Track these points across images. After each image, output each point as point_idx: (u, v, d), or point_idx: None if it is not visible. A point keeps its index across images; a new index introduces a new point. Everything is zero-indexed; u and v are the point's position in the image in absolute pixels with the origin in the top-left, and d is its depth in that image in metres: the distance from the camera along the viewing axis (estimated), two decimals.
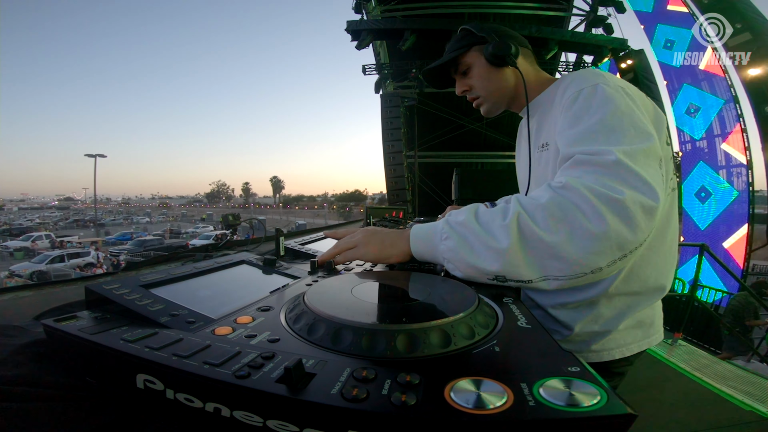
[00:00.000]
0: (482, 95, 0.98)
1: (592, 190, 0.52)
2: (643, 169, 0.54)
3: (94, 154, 33.49)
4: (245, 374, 0.37)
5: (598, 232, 0.51)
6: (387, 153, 9.51)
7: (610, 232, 0.51)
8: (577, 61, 10.19)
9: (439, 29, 8.03)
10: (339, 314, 0.50)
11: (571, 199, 0.52)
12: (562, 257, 0.52)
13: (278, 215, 56.58)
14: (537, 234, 0.53)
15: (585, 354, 0.82)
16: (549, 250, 0.53)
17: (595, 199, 0.51)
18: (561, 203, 0.53)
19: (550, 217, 0.53)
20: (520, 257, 0.54)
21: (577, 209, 0.52)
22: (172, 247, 19.04)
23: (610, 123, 0.61)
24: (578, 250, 0.51)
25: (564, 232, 0.52)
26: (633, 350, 0.83)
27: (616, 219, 0.51)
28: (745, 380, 2.40)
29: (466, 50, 0.95)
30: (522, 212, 0.54)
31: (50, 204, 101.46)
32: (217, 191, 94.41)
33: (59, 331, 0.47)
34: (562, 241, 0.52)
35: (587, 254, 0.52)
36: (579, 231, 0.51)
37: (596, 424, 0.32)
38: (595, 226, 0.51)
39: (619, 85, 0.70)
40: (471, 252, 0.58)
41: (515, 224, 0.54)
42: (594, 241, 0.51)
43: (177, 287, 0.68)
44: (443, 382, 0.37)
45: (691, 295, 3.46)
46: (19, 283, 10.18)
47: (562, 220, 0.52)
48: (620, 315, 0.80)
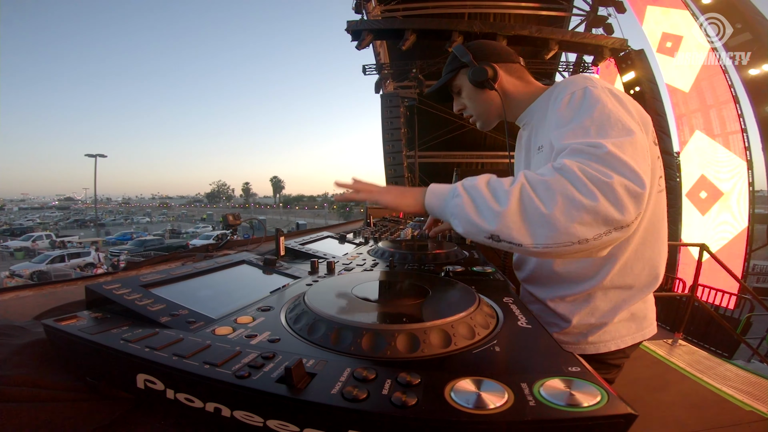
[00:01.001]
0: (474, 114, 1.04)
1: (585, 172, 0.58)
2: (630, 158, 0.60)
3: (94, 154, 33.53)
4: (245, 374, 0.37)
5: (588, 205, 0.57)
6: (387, 153, 9.51)
7: (599, 207, 0.56)
8: (577, 61, 10.18)
9: (439, 29, 8.04)
10: (339, 314, 0.50)
11: (567, 176, 0.59)
12: (554, 225, 0.57)
13: (278, 215, 56.61)
14: (534, 202, 0.59)
15: (582, 346, 0.86)
16: (543, 218, 0.58)
17: (587, 179, 0.57)
18: (559, 180, 0.59)
19: (548, 190, 0.59)
20: (517, 221, 0.60)
21: (572, 185, 0.58)
22: (172, 247, 19.06)
23: (599, 119, 0.67)
24: (568, 219, 0.57)
25: (558, 203, 0.57)
26: (627, 342, 0.87)
27: (604, 198, 0.57)
28: (745, 380, 2.39)
29: (455, 74, 1.01)
30: (525, 183, 0.61)
31: (50, 204, 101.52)
32: (217, 191, 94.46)
33: (59, 331, 0.47)
34: (555, 211, 0.57)
35: (576, 224, 0.57)
36: (571, 203, 0.57)
37: (597, 423, 0.32)
38: (585, 199, 0.57)
39: (605, 87, 0.75)
40: (475, 210, 0.64)
41: (517, 191, 0.61)
42: (583, 212, 0.57)
43: (177, 287, 0.68)
44: (443, 382, 0.37)
45: (691, 295, 3.45)
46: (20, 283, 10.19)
47: (558, 193, 0.58)
48: (615, 308, 0.84)
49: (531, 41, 7.99)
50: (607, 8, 9.53)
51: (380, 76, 10.40)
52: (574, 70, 10.46)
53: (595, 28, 9.66)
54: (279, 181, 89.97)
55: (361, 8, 9.50)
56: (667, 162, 7.59)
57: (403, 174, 9.43)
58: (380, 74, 10.42)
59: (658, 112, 7.89)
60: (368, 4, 9.82)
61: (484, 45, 0.99)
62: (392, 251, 1.08)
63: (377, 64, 10.60)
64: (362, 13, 9.51)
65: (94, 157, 33.64)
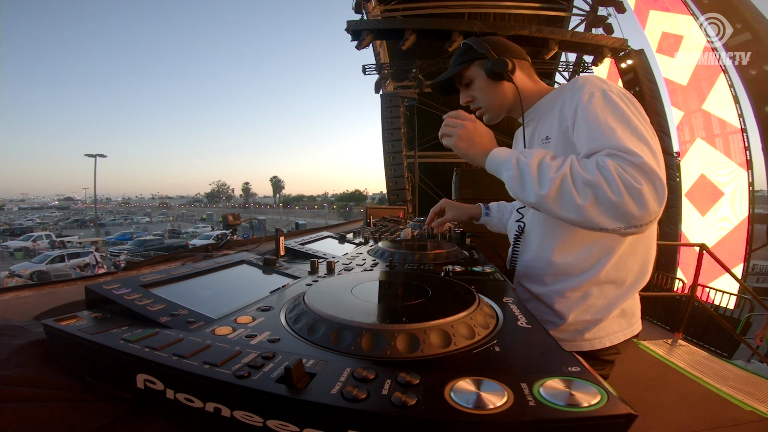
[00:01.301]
0: (483, 106, 1.05)
1: (622, 176, 0.66)
2: (659, 168, 0.68)
3: (94, 154, 33.51)
4: (245, 374, 0.37)
5: (615, 201, 0.65)
6: (387, 153, 9.50)
7: (623, 205, 0.65)
8: (577, 61, 10.18)
9: (439, 29, 8.04)
10: (339, 314, 0.50)
11: (605, 176, 0.67)
12: (583, 215, 0.68)
13: (278, 215, 56.58)
14: (571, 192, 0.69)
15: (579, 343, 0.90)
16: (575, 207, 0.69)
17: (621, 182, 0.66)
18: (597, 179, 0.67)
19: (586, 185, 0.68)
20: (553, 203, 0.71)
21: (607, 185, 0.66)
22: (172, 247, 19.05)
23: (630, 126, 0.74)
24: (596, 213, 0.67)
25: (591, 198, 0.67)
26: (620, 338, 0.92)
27: (631, 199, 0.65)
28: (745, 380, 2.39)
29: (468, 65, 1.01)
30: (568, 174, 0.70)
31: (50, 204, 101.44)
32: (217, 191, 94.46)
33: (59, 331, 0.47)
34: (587, 204, 0.68)
35: (601, 217, 0.67)
36: (603, 201, 0.67)
37: (597, 423, 0.32)
38: (614, 197, 0.65)
39: (622, 92, 0.81)
40: (521, 186, 0.76)
41: (559, 180, 0.70)
42: (610, 208, 0.66)
43: (177, 287, 0.68)
44: (443, 382, 0.37)
45: (691, 295, 3.45)
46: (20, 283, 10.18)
47: (593, 190, 0.67)
48: (609, 305, 0.90)
49: (531, 41, 7.99)
50: (607, 8, 9.52)
51: (380, 76, 10.39)
52: (574, 70, 10.46)
53: (595, 28, 9.65)
54: (279, 181, 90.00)
55: (361, 8, 9.50)
56: (667, 162, 7.58)
57: (403, 174, 9.43)
58: (380, 74, 10.41)
59: (658, 112, 7.89)
60: (368, 4, 9.82)
61: (501, 40, 1.03)
62: (392, 251, 1.08)
63: (377, 64, 10.59)
64: (362, 13, 9.50)
65: (94, 157, 33.63)
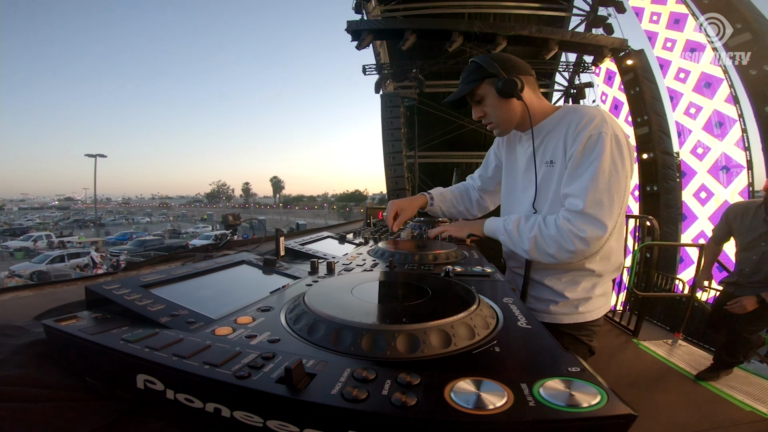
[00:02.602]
0: (494, 122, 1.14)
1: (570, 230, 0.98)
2: (601, 214, 0.95)
3: (94, 154, 33.51)
4: (245, 374, 0.37)
5: (572, 250, 0.99)
6: (387, 153, 9.50)
7: (576, 249, 0.98)
8: (577, 61, 10.18)
9: (439, 29, 8.04)
10: (339, 314, 0.50)
11: (561, 233, 0.99)
12: (554, 257, 1.03)
13: (278, 215, 56.56)
14: (544, 246, 1.03)
15: (575, 316, 1.13)
16: (547, 253, 1.03)
17: (571, 235, 0.97)
18: (557, 237, 1.00)
19: (551, 241, 1.01)
20: (535, 253, 1.05)
21: (563, 240, 0.99)
22: (172, 247, 19.06)
23: (597, 177, 0.96)
24: (561, 256, 1.01)
25: (556, 248, 1.01)
26: (602, 313, 1.17)
27: (581, 244, 0.97)
28: (745, 380, 2.39)
29: (479, 83, 1.08)
30: (539, 235, 1.03)
31: (50, 204, 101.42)
32: (217, 191, 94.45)
33: (59, 331, 0.47)
34: (555, 252, 1.01)
35: (566, 256, 1.01)
36: (563, 249, 1.00)
37: (597, 424, 0.32)
38: (570, 247, 0.99)
39: (614, 134, 0.98)
40: (512, 244, 1.10)
41: (534, 239, 1.04)
42: (569, 253, 1.00)
43: (177, 287, 0.68)
44: (443, 382, 0.37)
45: (691, 295, 3.45)
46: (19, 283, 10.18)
47: (555, 243, 1.01)
48: (594, 286, 1.13)
49: (531, 41, 7.98)
50: (607, 8, 9.51)
51: (380, 76, 10.39)
52: (574, 70, 10.47)
53: (595, 28, 9.64)
54: (279, 181, 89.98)
55: (361, 8, 9.49)
56: (667, 162, 7.59)
57: (403, 174, 9.42)
58: (380, 74, 10.41)
59: (658, 113, 7.88)
60: (368, 4, 9.82)
61: (509, 57, 1.10)
62: (392, 251, 1.08)
63: (377, 64, 10.59)
64: (362, 13, 9.49)
65: (94, 157, 33.63)
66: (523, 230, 1.05)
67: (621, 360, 2.79)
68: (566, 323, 1.12)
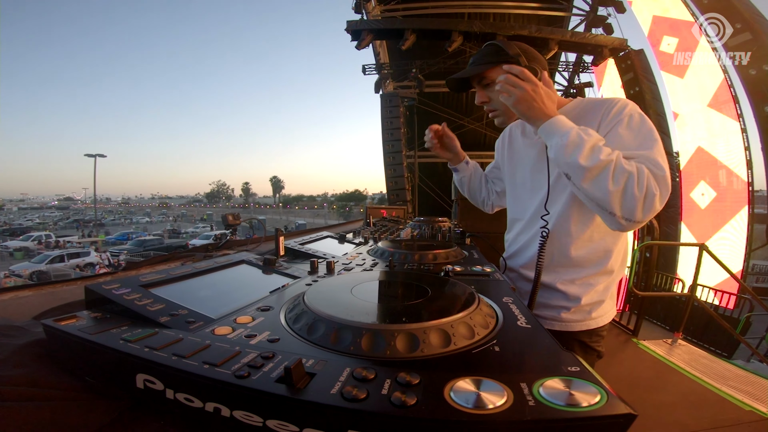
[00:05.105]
0: (500, 109, 1.07)
1: (649, 182, 0.82)
2: (668, 188, 0.84)
3: (94, 154, 33.47)
4: (245, 374, 0.37)
5: (636, 196, 0.81)
6: (387, 153, 9.50)
7: (638, 202, 0.81)
8: (577, 61, 10.18)
9: (439, 29, 8.03)
10: (339, 314, 0.50)
11: (639, 177, 0.81)
12: (607, 196, 0.82)
13: (278, 215, 56.58)
14: (607, 178, 0.82)
15: (588, 321, 1.05)
16: (605, 189, 0.82)
17: (646, 186, 0.81)
18: (632, 176, 0.81)
19: (622, 177, 0.81)
20: (589, 176, 0.84)
21: (637, 182, 0.81)
22: (171, 247, 19.05)
23: (660, 144, 0.88)
24: (616, 200, 0.82)
25: (621, 187, 0.81)
26: (611, 316, 1.10)
27: (644, 200, 0.81)
28: (745, 380, 2.39)
29: (493, 66, 1.02)
30: (613, 162, 0.82)
31: (50, 204, 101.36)
32: (217, 191, 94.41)
33: (59, 331, 0.47)
34: (615, 190, 0.82)
35: (617, 204, 0.82)
36: (628, 191, 0.81)
37: (596, 423, 0.32)
38: (638, 193, 0.81)
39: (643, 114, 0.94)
40: (570, 153, 0.85)
41: (603, 165, 0.82)
42: (629, 199, 0.81)
43: (177, 287, 0.68)
44: (443, 381, 0.37)
45: (691, 295, 3.45)
46: (19, 283, 10.18)
47: (626, 182, 0.81)
48: (606, 288, 1.05)
49: (531, 41, 7.97)
50: (607, 8, 9.52)
51: (380, 76, 10.38)
52: (574, 69, 10.46)
53: (595, 28, 9.65)
54: (279, 181, 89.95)
55: (361, 8, 9.48)
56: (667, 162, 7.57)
57: (403, 174, 9.42)
58: (380, 74, 10.41)
59: (658, 112, 7.89)
60: (368, 4, 9.81)
61: (530, 48, 1.06)
62: (392, 251, 1.08)
63: (377, 64, 10.59)
64: (362, 13, 9.49)
65: (93, 157, 33.59)
66: (598, 150, 0.83)
67: (621, 360, 2.79)
68: (578, 330, 1.04)
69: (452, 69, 9.46)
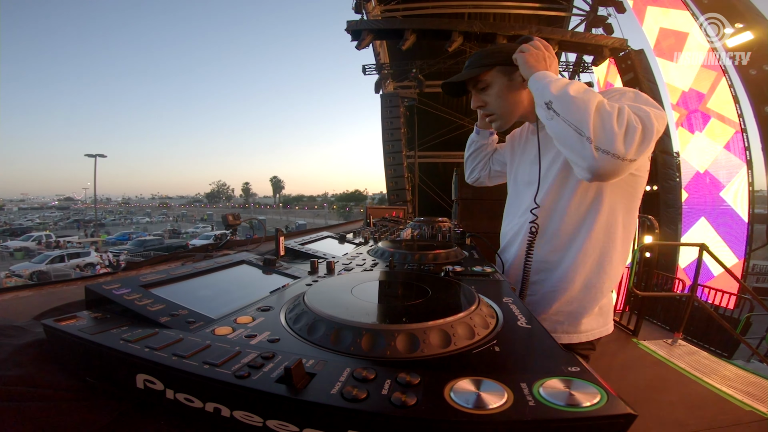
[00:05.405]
0: (497, 113, 1.06)
1: (629, 116, 0.76)
2: (657, 126, 0.78)
3: (94, 154, 33.44)
4: (245, 374, 0.37)
5: (615, 131, 0.75)
6: (387, 153, 9.51)
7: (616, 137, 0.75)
8: (577, 61, 10.18)
9: (439, 29, 8.04)
10: (339, 314, 0.50)
11: (620, 110, 0.76)
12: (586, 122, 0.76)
13: (278, 215, 56.58)
14: (588, 107, 0.77)
15: (557, 335, 0.97)
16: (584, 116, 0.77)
17: (626, 120, 0.75)
18: (612, 109, 0.76)
19: (603, 108, 0.77)
20: (571, 104, 0.79)
21: (617, 115, 0.76)
22: (172, 247, 19.05)
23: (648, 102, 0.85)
24: (596, 126, 0.76)
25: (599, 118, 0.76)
26: (596, 335, 1.01)
27: (624, 134, 0.75)
28: (745, 380, 2.39)
29: (488, 69, 1.01)
30: (593, 98, 0.79)
31: (50, 204, 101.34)
32: (217, 191, 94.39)
33: (59, 331, 0.47)
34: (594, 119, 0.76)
35: (597, 131, 0.76)
36: (606, 123, 0.76)
37: (596, 423, 0.32)
38: (619, 128, 0.75)
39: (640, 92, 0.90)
40: (557, 86, 0.83)
41: (585, 97, 0.79)
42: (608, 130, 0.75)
43: (177, 287, 0.68)
44: (443, 382, 0.37)
45: (691, 295, 3.45)
46: (19, 283, 10.18)
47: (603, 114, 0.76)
48: (591, 300, 0.98)
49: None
50: (607, 8, 9.52)
51: (380, 76, 10.39)
52: (574, 70, 10.46)
53: (595, 28, 9.65)
54: (279, 181, 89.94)
55: (361, 8, 9.48)
56: (667, 162, 7.58)
57: (403, 174, 9.43)
58: (380, 74, 10.41)
59: None
60: (368, 4, 9.81)
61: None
62: (392, 251, 1.08)
63: (377, 64, 10.59)
64: (362, 13, 9.49)
65: (93, 157, 33.57)
66: (581, 86, 0.83)
67: (621, 360, 2.79)
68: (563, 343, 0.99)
69: (452, 69, 9.47)
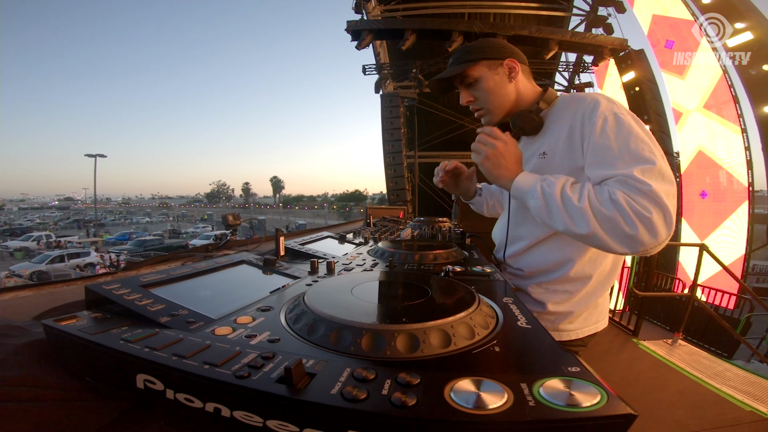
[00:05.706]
0: (485, 108, 1.05)
1: (633, 208, 0.73)
2: (665, 195, 0.73)
3: (94, 154, 33.44)
4: (245, 374, 0.37)
5: (629, 234, 0.73)
6: (387, 153, 9.51)
7: (637, 236, 0.73)
8: (577, 61, 10.19)
9: (439, 29, 8.04)
10: (339, 314, 0.50)
11: (620, 211, 0.74)
12: (600, 244, 0.77)
13: (278, 215, 56.58)
14: (593, 224, 0.76)
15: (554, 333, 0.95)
16: (596, 234, 0.76)
17: (634, 215, 0.73)
18: (613, 215, 0.74)
19: (603, 217, 0.75)
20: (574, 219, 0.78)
21: (622, 219, 0.73)
22: (172, 247, 19.05)
23: (636, 151, 0.78)
24: (611, 242, 0.76)
25: (608, 228, 0.75)
26: (585, 333, 1.01)
27: (645, 229, 0.73)
28: (745, 380, 2.39)
29: (474, 63, 1.01)
30: (588, 210, 0.77)
31: (50, 204, 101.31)
32: (217, 191, 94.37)
33: (59, 331, 0.47)
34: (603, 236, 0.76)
35: (615, 245, 0.76)
36: (618, 233, 0.74)
37: (596, 424, 0.32)
38: (629, 230, 0.73)
39: (629, 113, 0.86)
40: (549, 216, 0.83)
41: (581, 213, 0.77)
42: (624, 239, 0.74)
43: (177, 287, 0.68)
44: (443, 382, 0.37)
45: (691, 295, 3.45)
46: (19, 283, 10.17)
47: (609, 224, 0.75)
48: (583, 299, 0.98)
49: (531, 41, 7.99)
50: (607, 8, 9.52)
51: (380, 76, 10.39)
52: (574, 70, 10.47)
53: (595, 28, 9.65)
54: (279, 181, 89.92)
55: (361, 8, 9.49)
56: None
57: (403, 174, 9.43)
58: (380, 74, 10.42)
59: (657, 112, 7.89)
60: (368, 4, 9.82)
61: (506, 42, 1.06)
62: (392, 251, 1.08)
63: (377, 64, 10.59)
64: (362, 13, 9.50)
65: (93, 157, 33.58)
66: (569, 199, 0.79)
67: (621, 360, 2.79)
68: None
69: None
